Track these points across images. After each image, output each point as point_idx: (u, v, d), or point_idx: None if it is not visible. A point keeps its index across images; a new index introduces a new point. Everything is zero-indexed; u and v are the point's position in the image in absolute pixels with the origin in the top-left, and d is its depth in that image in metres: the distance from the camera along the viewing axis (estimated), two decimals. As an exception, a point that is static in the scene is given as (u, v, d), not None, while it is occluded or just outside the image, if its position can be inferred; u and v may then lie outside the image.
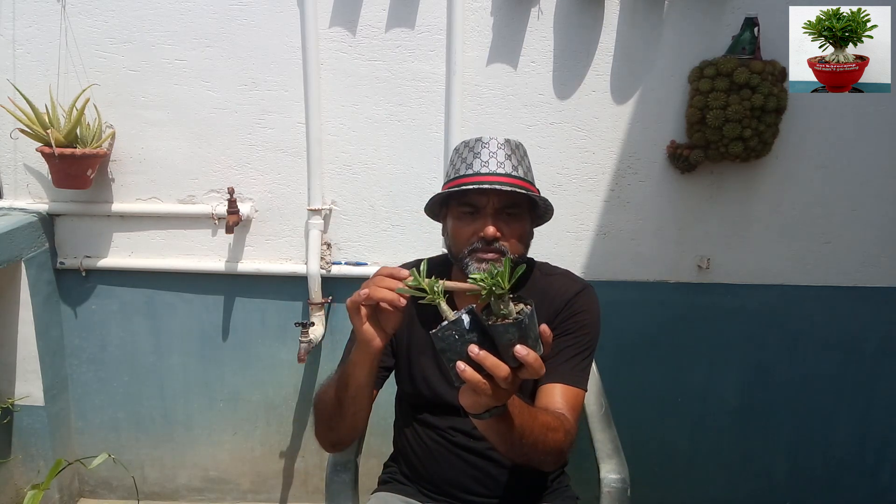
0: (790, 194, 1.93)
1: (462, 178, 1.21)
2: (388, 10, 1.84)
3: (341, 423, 1.20)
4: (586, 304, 1.29)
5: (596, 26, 1.83)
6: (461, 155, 1.25)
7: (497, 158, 1.21)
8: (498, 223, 1.20)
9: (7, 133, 1.87)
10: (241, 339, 2.11)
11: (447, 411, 1.31)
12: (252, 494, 2.25)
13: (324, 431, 1.26)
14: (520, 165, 1.23)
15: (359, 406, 1.17)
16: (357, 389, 1.13)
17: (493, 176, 1.19)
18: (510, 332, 0.82)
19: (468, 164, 1.22)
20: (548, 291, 1.30)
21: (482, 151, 1.21)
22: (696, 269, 2.00)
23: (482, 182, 1.18)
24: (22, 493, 2.07)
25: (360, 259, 2.02)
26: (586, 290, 1.31)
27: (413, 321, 1.32)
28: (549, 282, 1.32)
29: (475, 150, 1.22)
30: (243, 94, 1.91)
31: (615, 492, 1.37)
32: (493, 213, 1.20)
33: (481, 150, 1.22)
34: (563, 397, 1.19)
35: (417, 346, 1.32)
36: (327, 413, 1.21)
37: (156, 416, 2.18)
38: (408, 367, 1.34)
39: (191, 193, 1.99)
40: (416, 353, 1.32)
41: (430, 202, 1.28)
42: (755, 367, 2.09)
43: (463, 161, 1.24)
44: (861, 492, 2.18)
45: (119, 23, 1.87)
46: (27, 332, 1.97)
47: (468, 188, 1.17)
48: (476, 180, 1.19)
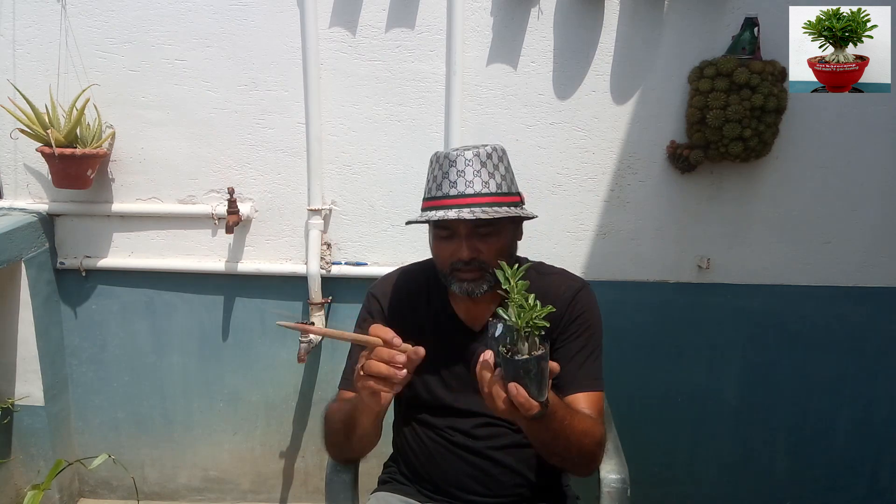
0: (790, 194, 1.93)
1: (433, 200, 1.20)
2: (388, 10, 1.84)
3: (351, 449, 1.25)
4: (587, 304, 1.30)
5: (596, 26, 1.83)
6: (433, 172, 1.23)
7: (465, 177, 1.17)
8: (473, 243, 1.19)
9: (7, 133, 1.87)
10: (241, 339, 2.11)
11: (446, 412, 1.32)
12: (252, 494, 2.25)
13: (335, 451, 1.30)
14: (491, 178, 1.19)
15: (368, 439, 1.22)
16: (364, 431, 1.17)
17: (462, 198, 1.16)
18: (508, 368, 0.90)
19: (438, 184, 1.20)
20: (546, 293, 1.29)
21: (450, 171, 1.18)
22: (696, 269, 1.99)
23: (450, 206, 1.16)
24: (22, 493, 2.07)
25: (360, 259, 2.02)
26: (584, 289, 1.32)
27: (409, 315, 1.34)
28: (547, 282, 1.32)
29: (444, 168, 1.19)
30: (243, 94, 1.91)
31: (615, 492, 1.37)
32: (466, 234, 1.19)
33: (449, 168, 1.18)
34: (587, 405, 1.22)
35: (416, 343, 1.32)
36: (337, 439, 1.24)
37: (156, 416, 2.18)
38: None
39: (191, 193, 1.99)
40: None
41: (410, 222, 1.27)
42: (755, 367, 2.08)
43: (434, 180, 1.21)
44: (861, 492, 2.18)
45: (119, 23, 1.87)
46: (27, 332, 1.97)
47: (436, 218, 1.15)
48: (444, 204, 1.17)
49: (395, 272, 1.42)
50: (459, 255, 1.19)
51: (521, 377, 0.89)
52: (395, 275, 1.41)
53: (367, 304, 1.38)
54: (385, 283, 1.38)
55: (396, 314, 1.33)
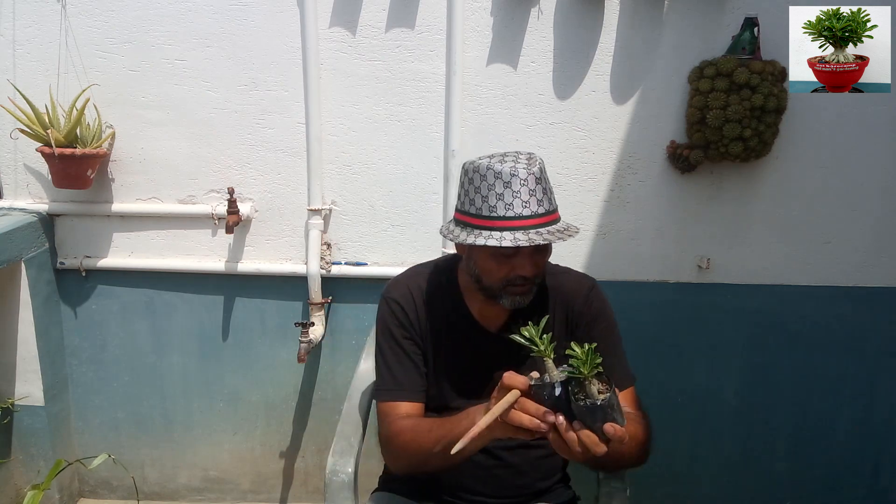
0: (790, 194, 1.93)
1: (486, 219, 1.15)
2: (388, 10, 1.84)
3: (441, 467, 1.20)
4: (601, 300, 1.35)
5: (596, 26, 1.83)
6: (476, 185, 1.17)
7: (521, 198, 1.13)
8: (534, 261, 1.20)
9: (7, 133, 1.87)
10: (241, 339, 2.11)
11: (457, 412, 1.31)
12: (252, 494, 2.25)
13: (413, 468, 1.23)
14: (544, 195, 1.16)
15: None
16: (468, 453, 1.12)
17: (520, 220, 1.13)
18: (596, 413, 0.91)
19: (491, 205, 1.14)
20: (560, 292, 1.34)
21: (505, 192, 1.13)
22: (696, 269, 1.99)
23: (511, 228, 1.13)
24: (22, 493, 2.07)
25: (360, 259, 2.02)
26: (596, 286, 1.36)
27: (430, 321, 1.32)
28: (559, 281, 1.35)
29: (496, 188, 1.14)
30: (243, 94, 1.91)
31: (614, 492, 1.38)
32: (529, 254, 1.19)
33: (504, 189, 1.13)
34: (628, 401, 1.28)
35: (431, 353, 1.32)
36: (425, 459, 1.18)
37: (156, 416, 2.18)
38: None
39: (191, 193, 1.99)
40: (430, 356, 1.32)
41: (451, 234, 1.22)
42: (755, 367, 2.08)
43: (483, 199, 1.15)
44: (861, 492, 2.18)
45: (119, 23, 1.87)
46: (27, 332, 1.97)
47: (506, 243, 1.11)
48: (502, 225, 1.13)
49: (407, 274, 1.39)
50: (521, 273, 1.18)
51: (609, 415, 0.91)
52: (407, 277, 1.38)
53: (388, 309, 1.33)
54: (400, 286, 1.35)
55: (416, 317, 1.32)
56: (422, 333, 1.31)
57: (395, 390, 1.28)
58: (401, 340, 1.30)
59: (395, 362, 1.29)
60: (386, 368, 1.30)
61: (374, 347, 1.34)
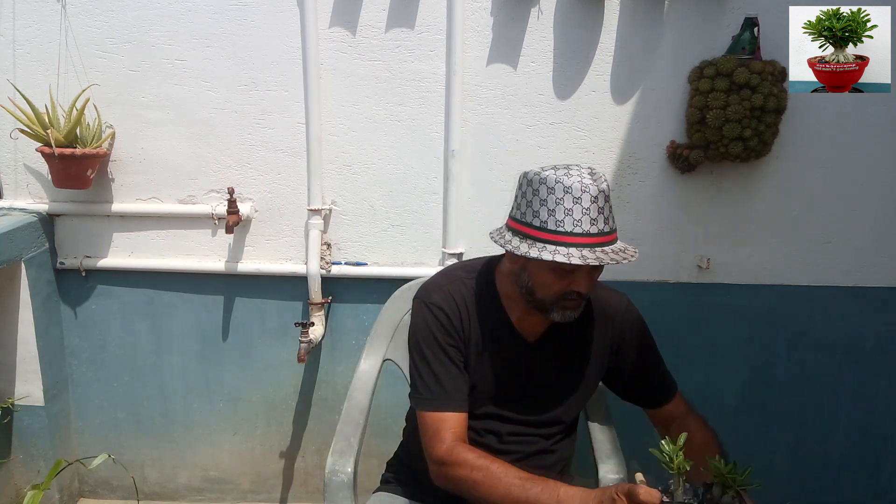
0: (790, 194, 1.93)
1: (552, 234, 1.12)
2: (388, 10, 1.84)
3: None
4: (637, 313, 1.39)
5: (596, 26, 1.83)
6: (543, 200, 1.14)
7: (590, 215, 1.12)
8: (592, 276, 1.20)
9: (7, 133, 1.87)
10: (241, 339, 2.11)
11: (487, 417, 1.32)
12: (252, 494, 2.26)
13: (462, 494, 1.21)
14: (610, 214, 1.16)
15: None
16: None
17: (587, 237, 1.12)
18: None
19: (558, 219, 1.12)
20: (600, 305, 1.36)
21: (574, 208, 1.11)
22: (696, 269, 1.99)
23: (579, 245, 1.11)
24: (22, 493, 2.07)
25: (360, 259, 2.02)
26: (629, 300, 1.40)
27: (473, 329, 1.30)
28: (597, 294, 1.36)
29: (564, 202, 1.11)
30: (243, 94, 1.91)
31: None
32: (588, 272, 1.18)
33: (574, 205, 1.11)
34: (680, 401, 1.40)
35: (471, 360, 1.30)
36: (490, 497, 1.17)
37: (156, 416, 2.18)
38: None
39: (191, 193, 1.99)
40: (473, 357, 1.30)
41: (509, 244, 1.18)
42: (755, 367, 2.08)
43: (551, 213, 1.12)
44: (861, 492, 2.18)
45: (119, 23, 1.87)
46: (27, 332, 1.97)
47: (576, 261, 1.10)
48: (569, 241, 1.11)
49: (446, 278, 1.34)
50: (577, 289, 1.18)
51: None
52: (447, 281, 1.33)
53: (431, 315, 1.28)
54: (441, 291, 1.30)
55: (459, 324, 1.28)
56: (464, 340, 1.28)
57: (442, 400, 1.24)
58: (446, 347, 1.26)
59: (441, 370, 1.25)
60: (431, 376, 1.25)
61: (412, 353, 1.29)
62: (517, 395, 1.32)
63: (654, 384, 1.39)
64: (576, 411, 1.40)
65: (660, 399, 1.39)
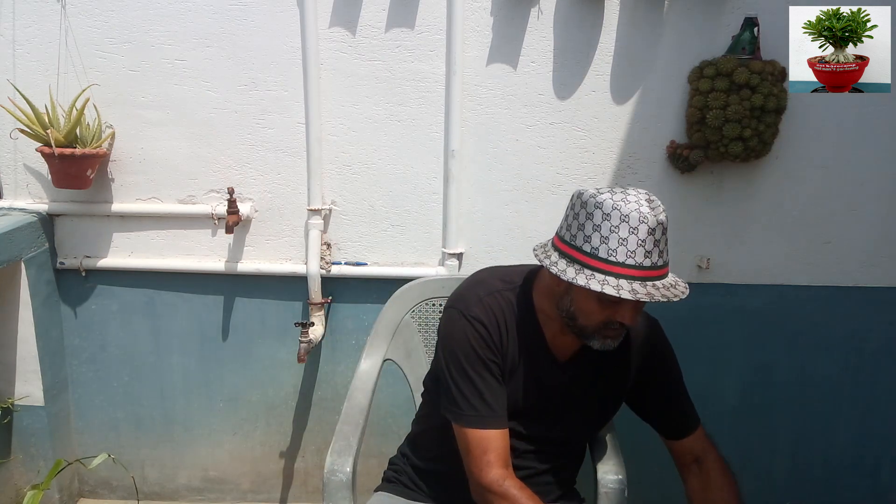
0: (790, 194, 1.93)
1: (603, 262, 1.07)
2: (388, 10, 1.84)
3: None
4: (666, 340, 1.36)
5: (596, 26, 1.83)
6: (597, 225, 1.09)
7: (646, 247, 1.06)
8: (638, 308, 1.15)
9: (7, 133, 1.87)
10: (241, 339, 2.11)
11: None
12: (252, 494, 2.26)
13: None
14: (665, 248, 1.10)
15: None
16: None
17: (640, 270, 1.07)
18: None
19: (611, 248, 1.07)
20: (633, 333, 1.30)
21: (630, 238, 1.06)
22: (696, 269, 1.99)
23: (629, 277, 1.06)
24: (22, 493, 2.07)
25: (360, 259, 2.02)
26: (660, 326, 1.37)
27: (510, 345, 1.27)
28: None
29: (619, 231, 1.06)
30: (243, 94, 1.91)
31: (612, 493, 1.38)
32: (636, 304, 1.12)
33: (629, 235, 1.06)
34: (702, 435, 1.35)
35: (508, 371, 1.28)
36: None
37: (156, 416, 2.18)
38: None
39: (191, 193, 1.99)
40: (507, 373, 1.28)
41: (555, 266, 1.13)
42: (755, 367, 2.08)
43: (603, 240, 1.07)
44: (861, 492, 2.18)
45: (119, 23, 1.87)
46: (27, 332, 1.97)
47: (624, 294, 1.05)
48: (621, 272, 1.06)
49: (481, 289, 1.28)
50: (621, 321, 1.13)
51: None
52: (486, 293, 1.27)
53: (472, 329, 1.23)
54: (481, 305, 1.25)
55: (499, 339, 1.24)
56: (502, 355, 1.25)
57: (487, 417, 1.21)
58: (487, 362, 1.22)
59: (483, 386, 1.21)
60: (475, 393, 1.21)
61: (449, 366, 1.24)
62: (540, 413, 1.29)
63: (674, 415, 1.35)
64: (594, 433, 1.40)
65: (679, 431, 1.35)
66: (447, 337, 1.26)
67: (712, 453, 1.33)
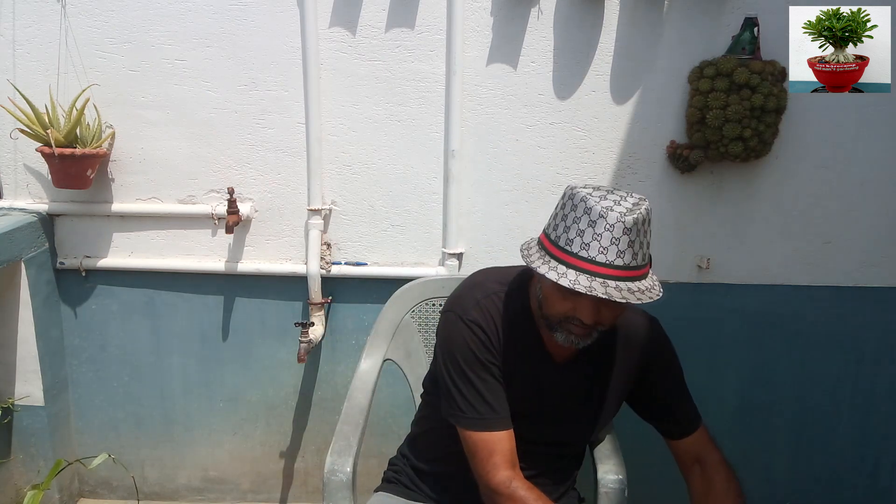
0: (790, 194, 1.93)
1: (573, 257, 1.07)
2: (387, 10, 1.84)
3: None
4: (666, 340, 1.36)
5: (596, 26, 1.83)
6: (576, 215, 1.08)
7: (619, 246, 1.05)
8: (598, 311, 1.12)
9: (7, 133, 1.87)
10: (241, 339, 2.11)
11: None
12: (252, 494, 2.26)
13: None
14: (640, 248, 1.08)
15: None
16: None
17: (609, 268, 1.05)
18: None
19: (585, 242, 1.06)
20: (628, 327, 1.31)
21: (604, 234, 1.04)
22: (696, 269, 1.99)
23: (594, 274, 1.04)
24: (22, 493, 2.07)
25: (360, 259, 2.02)
26: (660, 325, 1.37)
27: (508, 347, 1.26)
28: (626, 320, 1.29)
29: (596, 227, 1.05)
30: (243, 94, 1.91)
31: (612, 493, 1.38)
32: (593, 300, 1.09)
33: (604, 232, 1.04)
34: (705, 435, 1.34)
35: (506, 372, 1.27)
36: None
37: (156, 416, 2.18)
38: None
39: (191, 193, 1.99)
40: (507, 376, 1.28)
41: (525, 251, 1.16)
42: (755, 367, 2.08)
43: (579, 232, 1.07)
44: (861, 492, 2.18)
45: (119, 23, 1.87)
46: (27, 332, 1.97)
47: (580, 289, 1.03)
48: (588, 268, 1.05)
49: (478, 291, 1.28)
50: (580, 317, 1.12)
51: None
52: (480, 295, 1.27)
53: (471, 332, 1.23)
54: (479, 308, 1.25)
55: (497, 342, 1.24)
56: (502, 358, 1.25)
57: (491, 420, 1.21)
58: (487, 365, 1.23)
59: (485, 388, 1.22)
60: (477, 396, 1.21)
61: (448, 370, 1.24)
62: (537, 415, 1.29)
63: (675, 415, 1.34)
64: (594, 435, 1.39)
65: (680, 431, 1.34)
66: (446, 341, 1.25)
67: (715, 454, 1.33)
